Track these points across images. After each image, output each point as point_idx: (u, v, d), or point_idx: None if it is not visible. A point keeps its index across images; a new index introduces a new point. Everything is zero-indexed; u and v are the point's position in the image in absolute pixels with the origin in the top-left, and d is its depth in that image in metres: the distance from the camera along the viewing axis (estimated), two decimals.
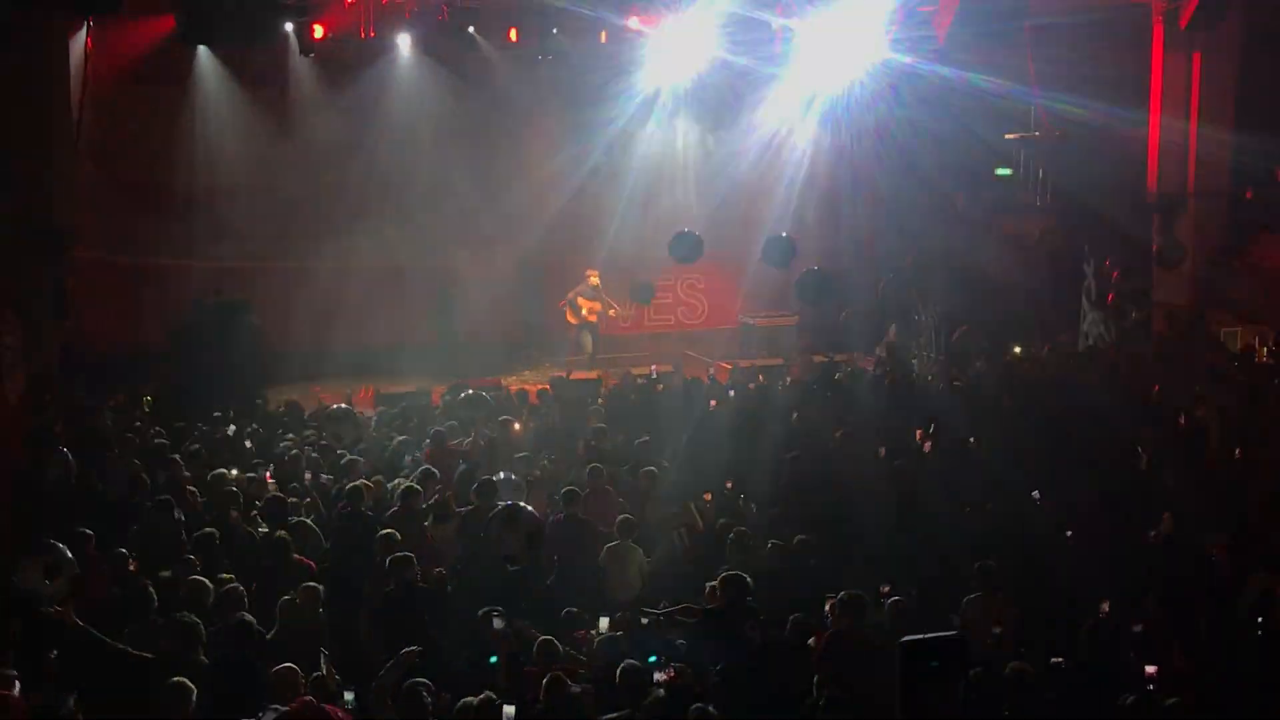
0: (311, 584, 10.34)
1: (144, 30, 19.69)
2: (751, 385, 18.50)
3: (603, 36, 21.26)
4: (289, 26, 18.97)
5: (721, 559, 11.12)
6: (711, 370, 19.69)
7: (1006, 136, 24.09)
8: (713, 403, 17.17)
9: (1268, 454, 13.84)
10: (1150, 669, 8.92)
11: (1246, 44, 20.67)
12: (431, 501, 12.35)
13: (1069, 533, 11.92)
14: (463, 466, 13.81)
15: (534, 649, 9.23)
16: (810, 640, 9.50)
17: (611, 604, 10.80)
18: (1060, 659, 9.18)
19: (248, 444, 15.29)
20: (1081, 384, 17.18)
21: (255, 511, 12.24)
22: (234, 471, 13.55)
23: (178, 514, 11.83)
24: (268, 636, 9.46)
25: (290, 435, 15.47)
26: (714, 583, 10.11)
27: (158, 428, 15.53)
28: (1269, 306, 19.95)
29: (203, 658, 8.98)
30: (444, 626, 10.18)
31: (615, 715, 8.36)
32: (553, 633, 9.67)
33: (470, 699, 8.27)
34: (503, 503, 11.97)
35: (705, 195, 24.04)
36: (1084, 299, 21.77)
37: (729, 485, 13.40)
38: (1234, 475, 13.48)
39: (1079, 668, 9.15)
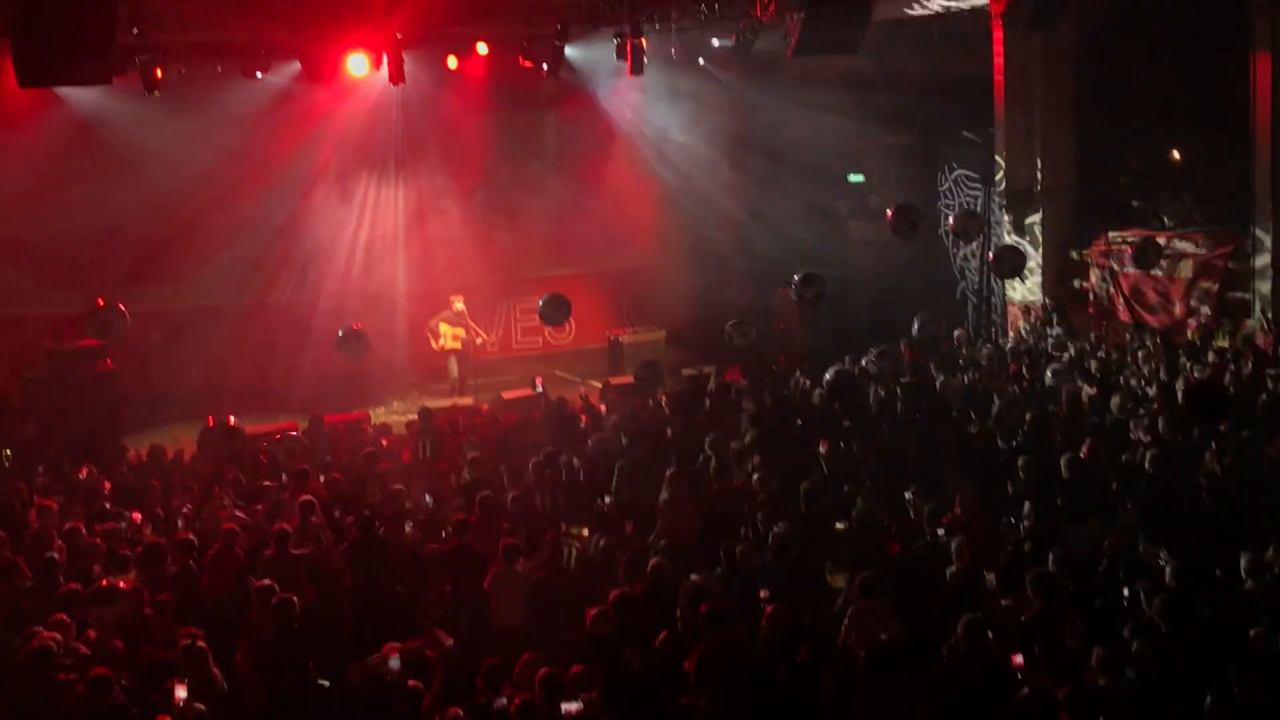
0: None
1: None
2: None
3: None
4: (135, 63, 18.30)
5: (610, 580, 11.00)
6: (582, 390, 19.56)
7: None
8: (583, 419, 17.02)
9: None
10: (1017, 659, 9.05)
11: (1084, 41, 21.25)
12: None
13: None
14: None
15: None
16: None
17: (495, 633, 10.64)
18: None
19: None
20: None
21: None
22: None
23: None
24: None
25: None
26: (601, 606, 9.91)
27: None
28: (1118, 301, 20.52)
29: None
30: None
31: None
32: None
33: None
34: None
35: (568, 213, 23.93)
36: None
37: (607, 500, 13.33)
38: None
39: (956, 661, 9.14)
